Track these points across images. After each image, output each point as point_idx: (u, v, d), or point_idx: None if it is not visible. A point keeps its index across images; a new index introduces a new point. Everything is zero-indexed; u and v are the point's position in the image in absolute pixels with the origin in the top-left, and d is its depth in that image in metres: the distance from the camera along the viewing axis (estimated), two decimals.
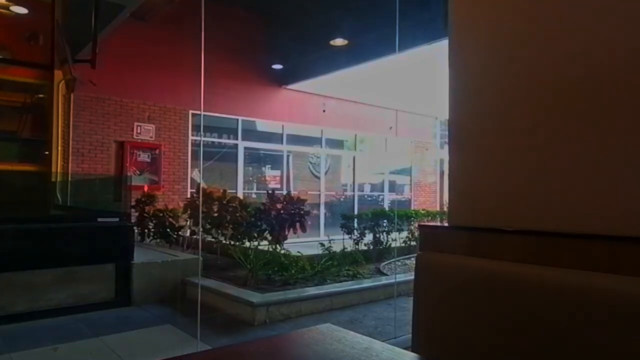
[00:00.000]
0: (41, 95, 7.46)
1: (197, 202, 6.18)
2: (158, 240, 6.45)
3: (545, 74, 1.22)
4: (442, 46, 6.83)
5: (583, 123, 1.14)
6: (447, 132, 1.51)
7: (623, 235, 1.05)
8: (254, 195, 9.60)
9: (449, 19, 1.45)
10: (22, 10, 6.78)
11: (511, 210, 1.26)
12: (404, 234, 7.89)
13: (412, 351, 1.32)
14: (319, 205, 10.41)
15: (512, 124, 1.28)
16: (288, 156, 10.37)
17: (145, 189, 7.68)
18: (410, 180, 12.46)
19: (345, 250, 6.65)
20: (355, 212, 9.75)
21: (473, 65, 1.40)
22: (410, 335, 1.43)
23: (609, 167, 1.10)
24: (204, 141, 9.15)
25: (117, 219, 5.01)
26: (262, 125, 10.01)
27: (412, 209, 10.77)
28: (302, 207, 5.80)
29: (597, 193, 1.11)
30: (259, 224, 5.83)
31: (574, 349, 1.05)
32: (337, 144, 11.26)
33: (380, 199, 11.90)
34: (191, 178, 8.67)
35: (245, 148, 9.63)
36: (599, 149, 1.12)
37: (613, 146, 1.09)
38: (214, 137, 9.47)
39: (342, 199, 10.79)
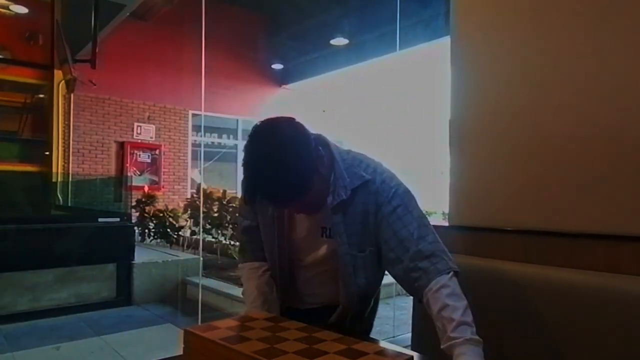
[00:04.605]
0: (41, 95, 7.46)
1: (197, 202, 6.17)
2: (158, 240, 6.46)
3: (547, 75, 1.22)
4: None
5: (583, 124, 1.15)
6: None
7: (622, 234, 1.05)
8: None
9: (451, 19, 1.44)
10: (22, 9, 6.78)
11: (511, 210, 1.27)
12: None
13: (412, 350, 1.33)
14: None
15: (512, 124, 1.29)
16: None
17: (146, 189, 7.68)
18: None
19: None
20: None
21: (475, 65, 1.40)
22: (410, 334, 1.43)
23: (608, 168, 1.10)
24: (204, 141, 9.15)
25: (118, 219, 5.01)
26: None
27: None
28: None
29: (597, 193, 1.11)
30: None
31: (574, 347, 1.06)
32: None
33: None
34: (191, 178, 8.67)
35: None
36: (598, 150, 1.12)
37: (612, 147, 1.10)
38: (214, 137, 9.46)
39: None
